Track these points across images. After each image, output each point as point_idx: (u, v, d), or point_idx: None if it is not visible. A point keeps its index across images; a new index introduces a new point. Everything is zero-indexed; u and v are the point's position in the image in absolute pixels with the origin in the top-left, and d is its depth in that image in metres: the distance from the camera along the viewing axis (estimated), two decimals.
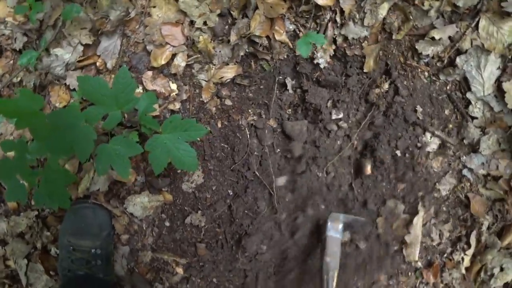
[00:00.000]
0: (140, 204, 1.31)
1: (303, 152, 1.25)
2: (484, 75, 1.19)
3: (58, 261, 1.33)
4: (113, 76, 1.27)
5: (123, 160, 0.95)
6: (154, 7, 1.24)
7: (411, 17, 1.18)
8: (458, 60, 1.20)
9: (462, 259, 1.33)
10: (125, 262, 1.37)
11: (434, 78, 1.23)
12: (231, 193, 1.28)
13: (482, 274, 1.35)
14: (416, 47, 1.19)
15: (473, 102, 1.22)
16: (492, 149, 1.24)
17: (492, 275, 1.34)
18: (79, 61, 1.29)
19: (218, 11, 1.20)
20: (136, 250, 1.35)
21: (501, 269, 1.34)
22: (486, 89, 1.20)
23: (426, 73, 1.22)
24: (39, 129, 0.95)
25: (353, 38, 1.19)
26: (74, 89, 1.29)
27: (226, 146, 1.27)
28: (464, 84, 1.22)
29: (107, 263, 1.32)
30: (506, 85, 1.19)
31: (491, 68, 1.19)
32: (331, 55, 1.21)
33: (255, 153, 1.26)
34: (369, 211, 1.23)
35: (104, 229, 1.30)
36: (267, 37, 1.20)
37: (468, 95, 1.21)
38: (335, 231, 1.13)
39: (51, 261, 1.38)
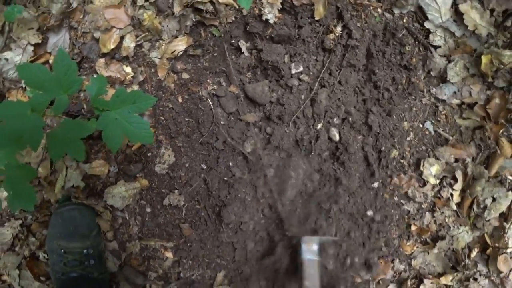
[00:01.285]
0: (119, 194, 1.29)
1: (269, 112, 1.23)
2: (438, 1, 1.15)
3: (50, 265, 1.32)
4: None
5: (76, 142, 0.93)
6: None
7: None
8: None
9: (451, 195, 1.30)
10: (115, 257, 1.35)
11: (388, 14, 1.19)
12: (205, 167, 1.26)
13: (474, 207, 1.31)
14: None
15: (432, 31, 1.18)
16: (461, 76, 1.20)
17: (485, 207, 1.31)
18: (31, 61, 1.27)
19: None
20: (123, 242, 1.34)
21: (493, 199, 1.30)
22: (443, 14, 1.16)
23: (379, 10, 1.19)
24: None
25: None
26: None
27: (191, 120, 1.24)
28: (421, 14, 1.18)
29: (99, 262, 1.31)
30: (463, 7, 1.16)
31: None
32: (279, 9, 1.18)
33: (221, 122, 1.24)
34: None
35: (92, 228, 1.29)
36: (211, 2, 1.17)
37: (427, 24, 1.17)
38: (310, 253, 1.09)
39: (41, 266, 1.37)
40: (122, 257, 1.35)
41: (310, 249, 1.09)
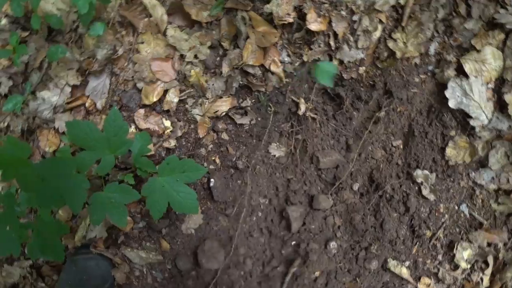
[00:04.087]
0: (137, 254, 1.24)
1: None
2: (475, 98, 1.16)
3: None
4: (103, 116, 1.22)
5: (119, 208, 0.89)
6: (142, 43, 1.20)
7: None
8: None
9: (481, 279, 1.27)
10: None
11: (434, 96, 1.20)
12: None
13: None
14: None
15: (479, 130, 1.18)
16: (501, 163, 1.20)
17: None
18: (67, 103, 1.24)
19: (209, 43, 1.17)
20: None
21: None
22: (484, 108, 1.16)
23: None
24: (26, 179, 0.89)
25: (349, 62, 1.16)
26: (63, 133, 1.24)
27: (224, 183, 1.21)
28: (463, 114, 1.18)
29: None
30: (508, 97, 1.16)
31: (477, 88, 1.16)
32: None
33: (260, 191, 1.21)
34: None
35: (106, 280, 1.23)
36: (261, 66, 1.17)
37: (472, 122, 1.17)
38: None
39: None
40: None
41: None
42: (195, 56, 1.17)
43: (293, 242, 1.25)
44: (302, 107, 1.18)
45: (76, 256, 1.23)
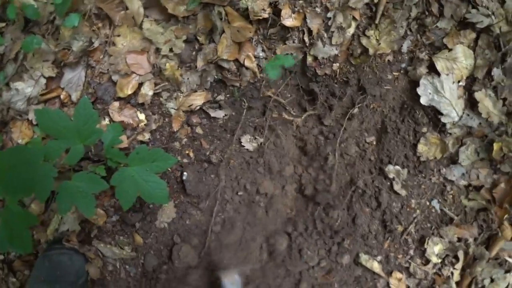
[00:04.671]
0: (110, 249, 1.23)
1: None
2: (446, 95, 1.18)
3: None
4: None
5: (87, 197, 0.88)
6: (118, 35, 1.20)
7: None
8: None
9: (452, 273, 1.29)
10: None
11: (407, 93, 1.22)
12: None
13: (473, 287, 1.31)
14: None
15: (449, 127, 1.20)
16: (471, 159, 1.22)
17: (483, 287, 1.31)
18: (42, 95, 1.23)
19: (184, 37, 1.17)
20: None
21: (492, 280, 1.31)
22: (456, 105, 1.19)
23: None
24: None
25: (323, 58, 1.18)
26: (37, 124, 1.22)
27: (198, 176, 1.21)
28: (435, 111, 1.20)
29: None
30: (478, 95, 1.19)
31: (448, 85, 1.19)
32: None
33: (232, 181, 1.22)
34: None
35: (80, 276, 1.21)
36: (236, 60, 1.18)
37: (443, 119, 1.19)
38: (231, 284, 1.15)
39: None
40: None
41: (230, 280, 1.14)
42: (171, 50, 1.17)
43: (266, 238, 1.25)
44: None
45: (48, 251, 1.21)
